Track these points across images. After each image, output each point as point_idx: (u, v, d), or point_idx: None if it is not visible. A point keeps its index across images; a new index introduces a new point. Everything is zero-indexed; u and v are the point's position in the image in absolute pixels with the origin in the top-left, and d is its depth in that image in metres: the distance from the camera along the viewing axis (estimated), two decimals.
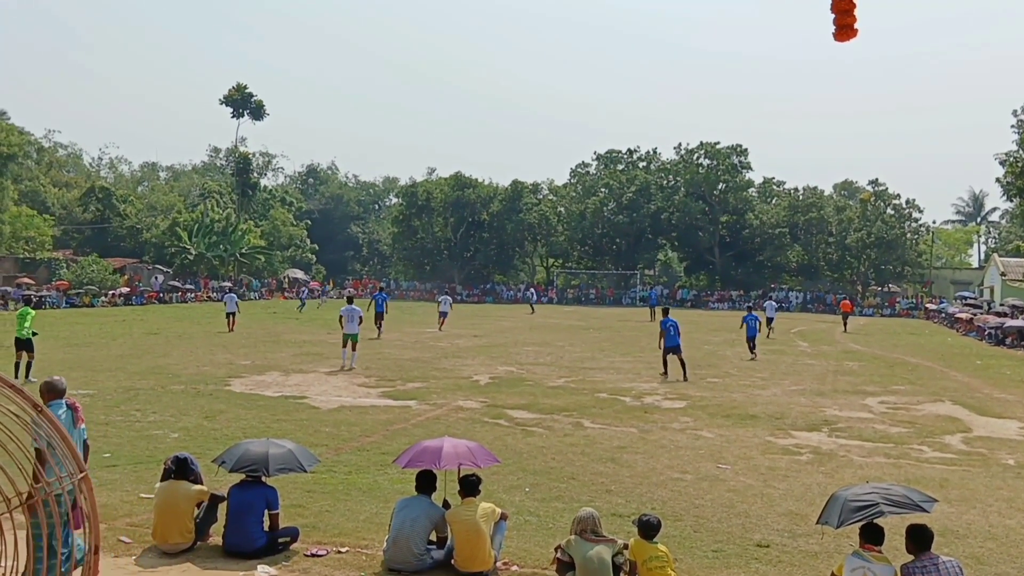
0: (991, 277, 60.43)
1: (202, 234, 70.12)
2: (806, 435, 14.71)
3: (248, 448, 8.52)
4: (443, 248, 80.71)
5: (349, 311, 23.81)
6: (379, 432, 13.99)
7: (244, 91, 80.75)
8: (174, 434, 13.43)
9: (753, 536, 9.00)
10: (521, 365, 24.08)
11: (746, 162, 77.01)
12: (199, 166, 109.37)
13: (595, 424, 15.24)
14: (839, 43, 8.09)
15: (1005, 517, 9.91)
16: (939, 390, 20.99)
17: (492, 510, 7.86)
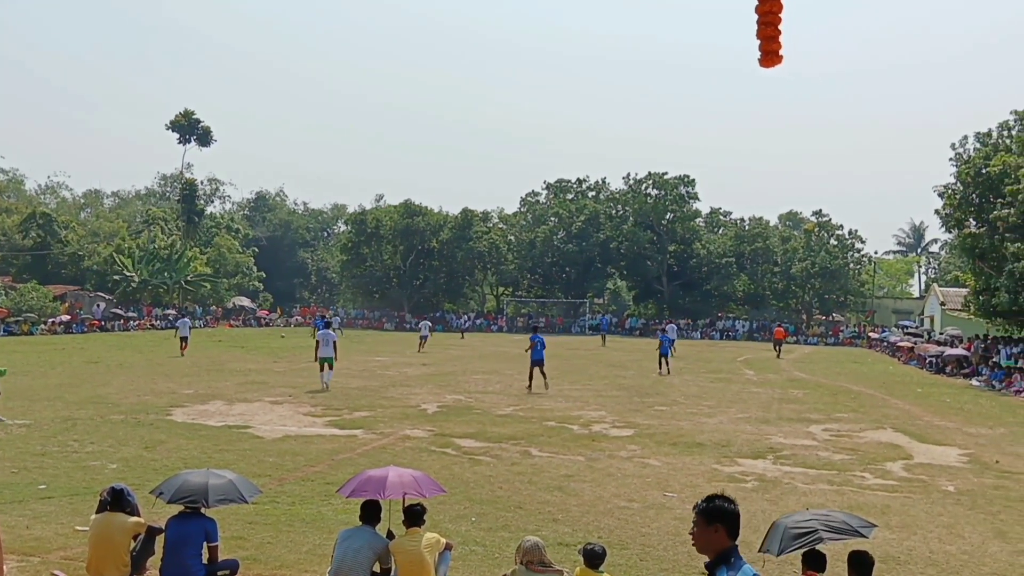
0: (931, 307, 61.69)
1: (146, 261, 69.04)
2: (751, 463, 14.82)
3: (187, 479, 8.33)
4: (392, 276, 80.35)
5: (325, 335, 25.23)
6: (324, 462, 13.81)
7: (191, 117, 79.97)
8: (112, 465, 13.13)
9: (698, 564, 8.98)
10: (469, 393, 23.99)
11: (693, 192, 77.95)
12: (143, 192, 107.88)
13: (543, 452, 15.21)
14: (764, 69, 8.24)
15: (945, 543, 10.06)
16: (881, 418, 21.31)
17: (437, 540, 7.78)
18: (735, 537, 4.25)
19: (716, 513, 4.25)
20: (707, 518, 4.26)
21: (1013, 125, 37.98)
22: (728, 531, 4.22)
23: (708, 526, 4.24)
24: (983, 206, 35.85)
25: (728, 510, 4.25)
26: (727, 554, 4.19)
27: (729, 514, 4.24)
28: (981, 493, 12.87)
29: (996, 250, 33.93)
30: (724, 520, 4.24)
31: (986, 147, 38.39)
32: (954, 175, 38.44)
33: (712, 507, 4.28)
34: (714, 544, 4.23)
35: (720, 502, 4.28)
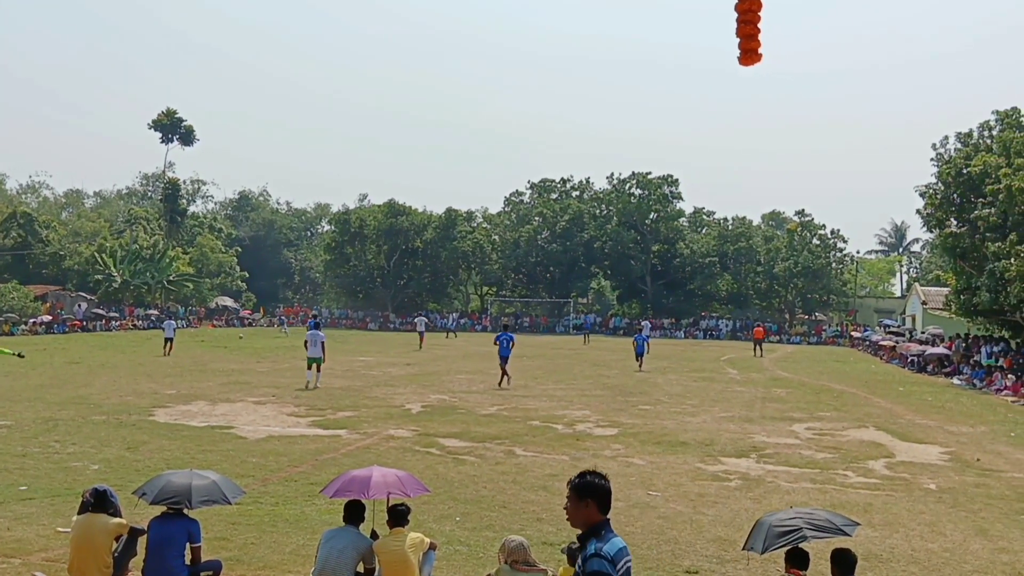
0: (913, 306, 62.03)
1: (128, 261, 68.64)
2: (735, 461, 14.87)
3: (170, 479, 8.29)
4: (376, 276, 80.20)
5: (313, 335, 25.42)
6: (308, 462, 13.77)
7: (174, 116, 79.56)
8: (94, 466, 13.05)
9: (682, 562, 9.04)
10: (454, 393, 23.98)
11: (677, 192, 78.17)
12: (125, 192, 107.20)
13: (527, 452, 15.22)
14: (744, 67, 8.30)
15: (927, 541, 10.12)
16: (863, 416, 21.42)
17: (421, 540, 7.76)
18: (606, 512, 4.35)
19: (587, 489, 4.36)
20: (579, 494, 4.37)
21: (994, 125, 38.24)
22: (599, 506, 4.33)
23: (580, 501, 4.35)
24: (964, 206, 36.08)
25: (598, 485, 4.36)
26: (598, 527, 4.30)
27: (599, 489, 4.35)
28: (962, 491, 12.96)
29: (977, 249, 34.16)
30: (594, 495, 4.34)
31: (967, 147, 38.63)
32: (935, 175, 38.66)
33: (583, 483, 4.38)
34: (585, 518, 4.33)
35: (591, 478, 4.39)
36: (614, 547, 4.22)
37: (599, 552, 4.18)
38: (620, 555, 4.23)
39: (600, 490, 4.36)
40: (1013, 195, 29.42)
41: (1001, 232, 32.40)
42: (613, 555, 4.19)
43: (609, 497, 4.40)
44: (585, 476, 4.43)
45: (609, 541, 4.24)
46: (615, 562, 4.17)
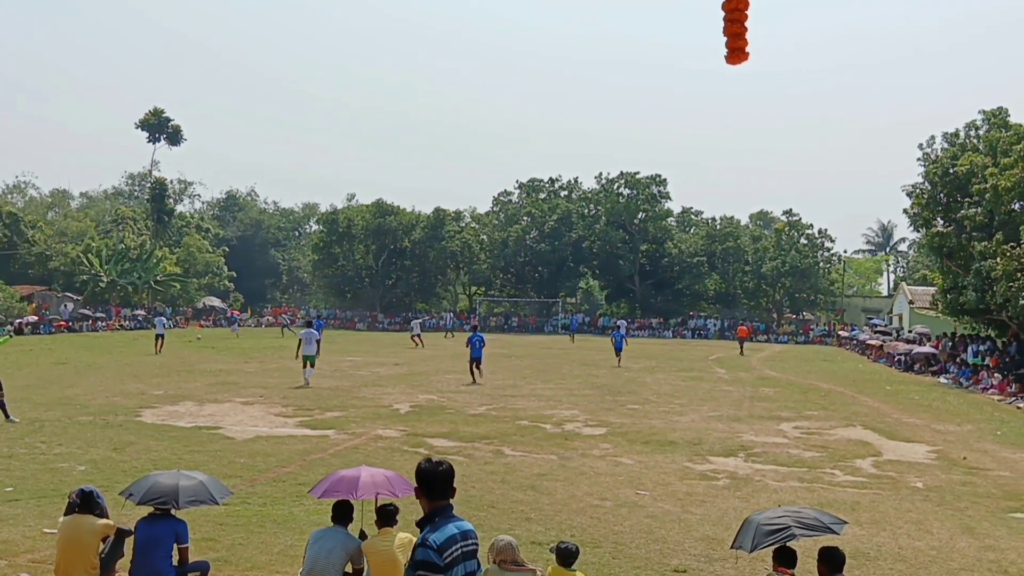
0: (900, 305, 62.28)
1: (114, 261, 68.32)
2: (723, 460, 14.90)
3: (157, 480, 8.25)
4: (364, 276, 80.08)
5: (308, 334, 26.01)
6: (296, 462, 13.74)
7: (161, 115, 79.25)
8: (81, 467, 12.98)
9: (671, 561, 9.05)
10: (442, 393, 23.95)
11: (665, 192, 78.32)
12: (111, 192, 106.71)
13: (515, 452, 15.21)
14: (731, 65, 8.32)
15: (914, 539, 10.16)
16: (851, 415, 21.50)
17: (409, 540, 7.73)
18: (438, 497, 4.36)
19: (416, 476, 4.44)
20: (416, 481, 4.45)
21: (980, 125, 38.44)
22: (424, 490, 4.38)
23: (418, 487, 4.43)
24: (951, 205, 36.26)
25: (423, 471, 4.41)
26: (432, 515, 4.33)
27: (419, 475, 4.40)
28: (949, 489, 13.02)
29: (963, 249, 34.33)
30: (418, 481, 4.42)
31: (953, 147, 38.83)
32: (922, 175, 38.85)
33: (416, 471, 4.46)
34: (423, 505, 4.39)
35: (423, 465, 4.45)
36: (443, 535, 4.22)
37: (424, 541, 4.21)
38: (449, 542, 4.23)
39: (422, 476, 4.40)
40: (999, 194, 29.59)
41: (987, 231, 32.57)
42: (440, 543, 4.18)
43: (434, 481, 4.38)
44: (420, 464, 4.47)
45: (440, 529, 4.25)
46: (442, 550, 4.17)
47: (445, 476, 4.41)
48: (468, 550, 4.34)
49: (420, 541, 4.25)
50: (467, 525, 4.41)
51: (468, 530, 4.38)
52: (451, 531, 4.27)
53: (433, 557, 4.16)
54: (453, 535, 4.27)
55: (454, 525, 4.32)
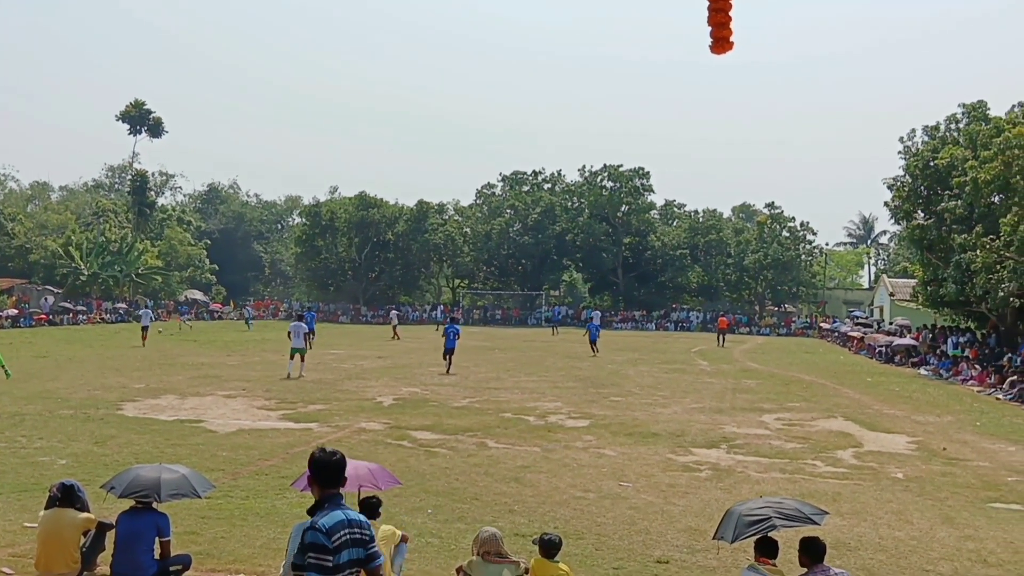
0: (880, 297, 62.66)
1: (95, 254, 67.82)
2: (705, 452, 14.97)
3: (139, 473, 8.23)
4: (347, 268, 79.84)
5: (297, 327, 26.45)
6: (278, 455, 13.71)
7: (142, 107, 78.70)
8: (62, 460, 12.91)
9: (653, 552, 9.09)
10: (425, 386, 23.94)
11: (648, 185, 78.40)
12: (92, 184, 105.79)
13: (499, 444, 15.23)
14: (716, 55, 8.32)
15: (894, 529, 10.24)
16: (832, 407, 21.64)
17: (392, 532, 7.75)
18: (329, 485, 4.56)
19: (309, 464, 4.61)
20: (309, 469, 4.63)
21: (960, 118, 38.64)
22: (317, 478, 4.57)
23: (310, 475, 4.61)
24: (931, 198, 36.46)
25: (313, 459, 4.60)
26: (322, 501, 4.54)
27: (312, 463, 4.59)
28: (929, 480, 13.13)
29: (943, 241, 34.54)
30: (310, 469, 4.60)
31: (934, 140, 39.02)
32: (903, 168, 39.04)
33: (310, 459, 4.61)
34: (315, 491, 4.58)
35: (316, 453, 4.63)
36: (332, 520, 4.42)
37: (314, 524, 4.40)
38: (338, 527, 4.42)
39: (315, 464, 4.57)
40: (979, 187, 29.78)
41: (967, 224, 32.79)
42: (329, 527, 4.38)
43: (328, 471, 4.55)
44: (313, 453, 4.63)
45: (329, 514, 4.44)
46: (331, 533, 4.37)
47: (337, 466, 4.58)
48: (355, 537, 4.50)
49: (309, 525, 4.44)
50: (356, 515, 4.60)
51: (356, 519, 4.56)
52: (339, 517, 4.46)
53: (322, 539, 4.35)
54: (341, 520, 4.45)
55: (342, 512, 4.50)
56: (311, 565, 4.37)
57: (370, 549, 4.59)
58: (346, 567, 4.46)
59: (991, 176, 28.39)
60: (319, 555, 4.35)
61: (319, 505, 4.54)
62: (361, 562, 4.55)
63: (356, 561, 4.52)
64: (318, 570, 4.36)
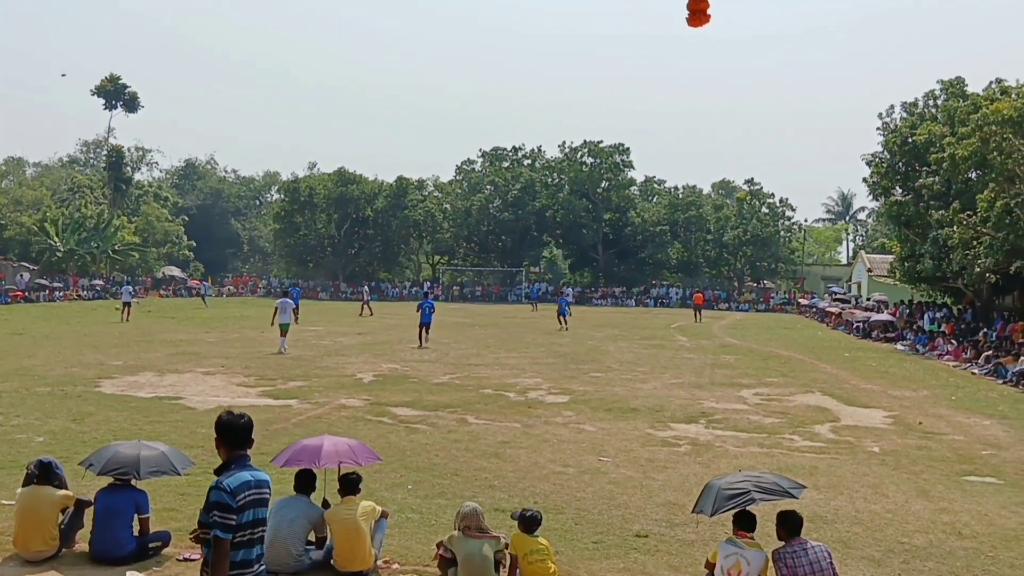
0: (858, 273, 63.01)
1: (71, 230, 67.12)
2: (684, 427, 15.05)
3: (118, 450, 8.20)
4: (326, 245, 79.50)
5: (283, 303, 26.93)
6: (258, 432, 13.42)
7: (117, 82, 77.75)
8: (39, 438, 12.82)
9: (632, 527, 9.14)
10: (405, 363, 23.92)
11: (628, 161, 78.41)
12: (66, 160, 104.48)
13: (479, 420, 15.25)
14: (692, 28, 8.26)
15: (871, 502, 10.34)
16: (810, 382, 21.79)
17: (372, 508, 7.76)
18: (236, 447, 4.69)
19: (217, 427, 4.73)
20: (216, 431, 4.75)
21: (939, 95, 38.76)
22: (224, 440, 4.71)
23: (217, 437, 4.74)
24: (909, 174, 36.62)
25: (220, 422, 4.73)
26: (229, 462, 4.66)
27: (220, 425, 4.72)
28: (905, 453, 13.26)
29: (921, 217, 34.74)
30: (218, 431, 4.73)
31: (912, 116, 39.13)
32: (881, 144, 39.16)
33: (217, 422, 4.75)
34: (222, 453, 4.71)
35: (225, 416, 4.77)
36: (237, 480, 4.55)
37: (219, 484, 4.53)
38: (243, 487, 4.55)
39: (221, 426, 4.70)
40: (956, 164, 29.91)
41: (944, 200, 32.97)
42: (234, 488, 4.51)
43: (235, 433, 4.69)
44: (220, 415, 4.77)
45: (235, 475, 4.57)
46: (235, 493, 4.50)
47: (245, 428, 4.72)
48: (260, 497, 4.65)
49: (215, 484, 4.55)
50: (262, 475, 4.71)
51: (263, 479, 4.68)
52: (245, 478, 4.58)
53: (227, 499, 4.48)
54: (247, 481, 4.58)
55: (249, 473, 4.63)
56: (215, 523, 4.47)
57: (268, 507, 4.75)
58: (248, 526, 4.58)
59: (968, 152, 28.53)
60: (223, 514, 4.47)
61: (226, 466, 4.65)
62: (265, 521, 4.73)
63: (260, 521, 4.67)
64: (222, 528, 4.47)
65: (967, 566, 8.16)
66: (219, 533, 4.47)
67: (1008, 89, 31.86)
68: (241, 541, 4.56)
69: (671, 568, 7.89)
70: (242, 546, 4.58)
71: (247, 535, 4.59)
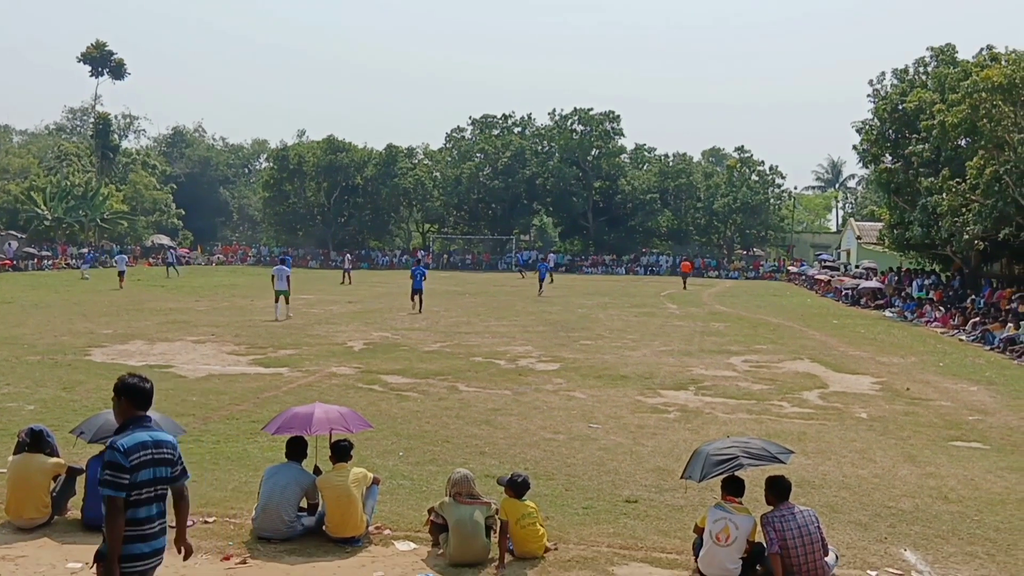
0: (848, 240, 63.20)
1: (59, 198, 66.67)
2: (674, 394, 15.13)
3: (108, 418, 8.16)
4: (316, 213, 79.21)
5: (280, 270, 26.81)
6: (249, 400, 13.69)
7: (104, 48, 76.94)
8: (30, 406, 12.81)
9: (622, 492, 9.21)
10: (396, 331, 23.93)
11: (618, 128, 78.11)
12: (53, 128, 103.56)
13: (470, 387, 15.30)
14: None
15: (858, 467, 10.44)
16: (798, 348, 21.90)
17: (364, 475, 7.80)
18: (136, 408, 4.80)
19: (118, 387, 4.83)
20: (115, 392, 4.85)
21: (929, 62, 38.69)
22: (130, 402, 4.81)
23: (116, 399, 4.83)
24: (899, 141, 36.64)
25: (126, 384, 4.83)
26: (127, 423, 4.77)
27: (126, 387, 4.81)
28: (892, 419, 13.37)
29: (910, 185, 34.80)
30: (123, 393, 4.81)
31: (903, 83, 39.08)
32: (872, 111, 39.13)
33: (118, 383, 4.85)
34: (120, 413, 4.82)
35: (127, 379, 4.86)
36: (132, 440, 4.64)
37: (112, 444, 4.63)
38: (138, 447, 4.63)
39: (127, 388, 4.81)
40: (946, 131, 29.92)
41: (934, 167, 33.03)
42: (128, 447, 4.60)
43: (139, 393, 4.81)
44: (122, 378, 4.88)
45: (131, 435, 4.67)
46: (128, 453, 4.59)
47: (149, 392, 4.87)
48: (159, 457, 4.72)
49: (109, 444, 4.67)
50: (163, 436, 4.80)
51: (162, 440, 4.76)
52: (143, 438, 4.68)
53: (119, 458, 4.57)
54: (143, 441, 4.66)
55: (147, 434, 4.73)
56: (107, 482, 4.56)
57: (176, 468, 4.84)
58: (145, 485, 4.65)
59: (958, 119, 28.52)
60: (115, 473, 4.55)
61: (125, 427, 4.75)
62: (167, 480, 4.80)
63: (161, 479, 4.74)
64: (113, 487, 4.55)
65: (953, 529, 8.26)
66: (109, 491, 4.55)
67: (998, 56, 31.81)
68: (138, 499, 4.63)
69: (660, 533, 7.96)
70: (140, 504, 4.65)
71: (143, 493, 4.66)
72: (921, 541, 7.93)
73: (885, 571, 7.20)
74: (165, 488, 4.80)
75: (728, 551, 6.82)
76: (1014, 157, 26.00)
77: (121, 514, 4.57)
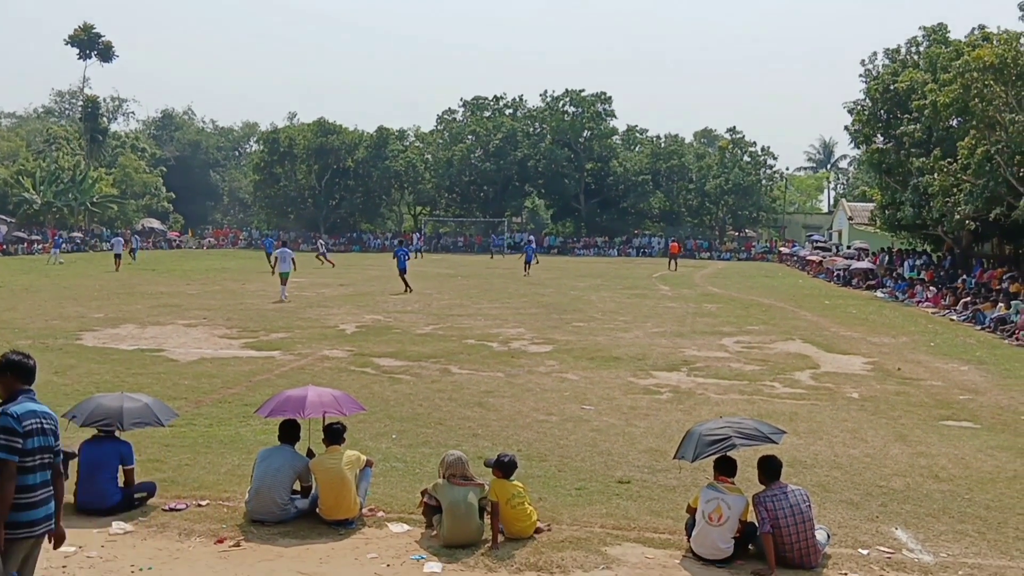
0: (839, 221, 63.27)
1: (48, 182, 66.31)
2: (666, 375, 15.15)
3: (101, 402, 8.19)
4: (307, 196, 78.96)
5: (282, 252, 28.03)
6: (241, 384, 13.67)
7: (91, 31, 76.36)
8: None
9: (615, 473, 9.23)
10: (388, 313, 23.90)
11: (610, 110, 77.98)
12: (41, 111, 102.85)
13: (462, 370, 15.29)
14: None
15: (849, 447, 10.48)
16: (790, 329, 21.94)
17: (357, 457, 7.80)
18: (24, 382, 5.07)
19: (2, 364, 5.06)
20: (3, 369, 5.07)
21: (921, 42, 38.65)
22: (16, 376, 5.06)
23: (2, 374, 5.06)
24: (890, 122, 36.60)
25: (11, 360, 5.08)
26: (15, 395, 5.02)
27: (11, 363, 5.07)
28: (883, 399, 13.41)
29: (902, 165, 34.81)
30: (11, 369, 5.05)
31: (895, 64, 39.04)
32: (864, 91, 39.07)
33: (2, 360, 5.09)
34: (7, 388, 5.04)
35: (11, 356, 5.13)
36: (23, 408, 4.91)
37: (6, 411, 4.87)
38: (28, 415, 4.89)
39: (14, 365, 5.06)
40: (938, 111, 29.92)
41: (925, 148, 33.02)
42: (20, 414, 4.86)
43: (24, 371, 5.10)
44: (6, 355, 5.14)
45: (21, 404, 4.94)
46: (21, 419, 4.84)
47: (32, 368, 5.14)
48: (46, 427, 4.99)
49: (2, 411, 4.88)
50: (46, 409, 5.05)
51: (46, 412, 5.02)
52: (30, 407, 4.94)
53: (13, 424, 4.81)
54: (32, 410, 4.93)
55: (34, 404, 4.99)
56: (2, 446, 4.76)
57: (58, 442, 5.11)
58: (36, 452, 4.89)
59: (950, 99, 28.50)
60: (9, 437, 4.77)
61: (12, 397, 4.99)
62: (50, 450, 5.02)
63: (46, 448, 4.97)
64: (8, 450, 4.76)
65: (944, 508, 8.30)
66: (4, 455, 4.74)
67: (990, 36, 31.74)
68: (26, 466, 4.85)
69: (653, 513, 7.98)
70: (27, 471, 4.86)
71: (35, 459, 4.89)
72: (912, 519, 7.97)
73: (876, 549, 7.24)
74: (50, 457, 5.01)
75: (720, 531, 6.84)
76: (1005, 137, 26.03)
77: (13, 479, 4.78)
